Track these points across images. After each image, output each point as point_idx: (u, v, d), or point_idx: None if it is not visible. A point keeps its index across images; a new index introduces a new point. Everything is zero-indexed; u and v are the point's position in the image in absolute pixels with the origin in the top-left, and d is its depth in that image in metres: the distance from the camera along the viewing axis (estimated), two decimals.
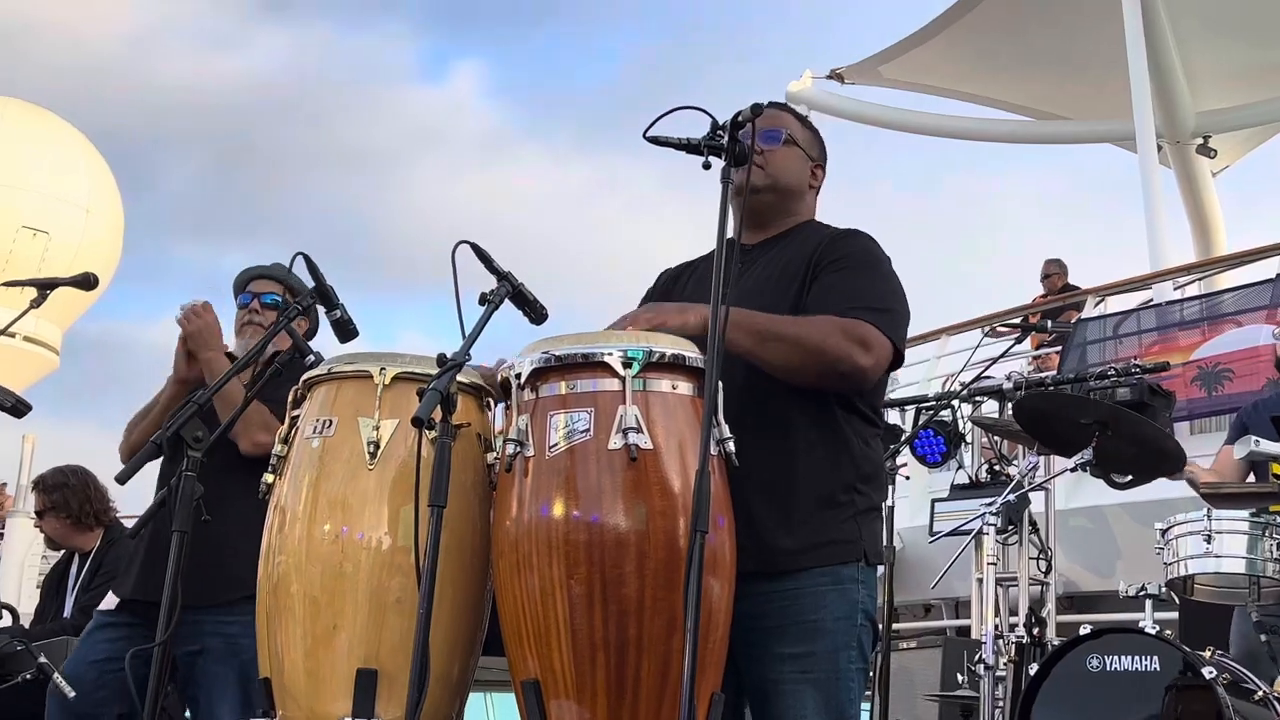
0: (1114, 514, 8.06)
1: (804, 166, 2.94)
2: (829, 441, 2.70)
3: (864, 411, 2.77)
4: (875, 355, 2.64)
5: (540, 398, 2.47)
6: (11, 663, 4.54)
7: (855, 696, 2.65)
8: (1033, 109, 15.75)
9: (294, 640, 2.58)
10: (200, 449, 2.74)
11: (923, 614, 9.52)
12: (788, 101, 15.32)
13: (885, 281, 2.78)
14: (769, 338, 2.58)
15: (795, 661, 2.60)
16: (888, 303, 2.72)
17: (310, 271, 2.88)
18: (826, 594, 2.63)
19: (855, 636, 2.65)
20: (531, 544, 2.40)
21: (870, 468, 2.76)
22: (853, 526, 2.69)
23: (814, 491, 2.66)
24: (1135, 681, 4.36)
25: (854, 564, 2.68)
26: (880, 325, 2.65)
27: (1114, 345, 8.93)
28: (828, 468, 2.68)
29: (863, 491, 2.73)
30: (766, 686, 2.63)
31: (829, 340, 2.60)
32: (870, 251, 2.81)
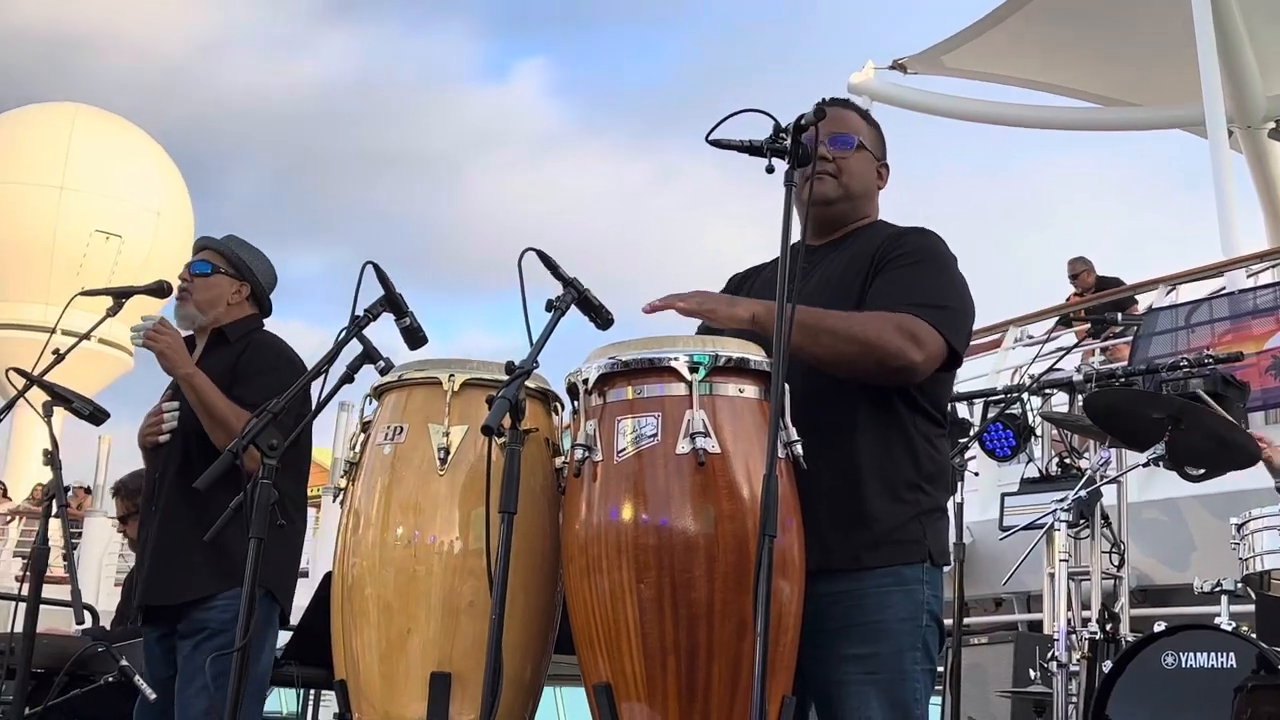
0: (1188, 506, 7.95)
1: (872, 169, 2.93)
2: (892, 441, 2.68)
3: (928, 410, 2.75)
4: (927, 351, 2.61)
5: (607, 403, 2.49)
6: (93, 664, 4.62)
7: (921, 697, 2.63)
8: (1099, 95, 15.54)
9: (369, 644, 2.62)
10: (275, 456, 2.78)
11: (994, 608, 9.45)
12: (850, 93, 15.27)
13: (945, 279, 2.74)
14: (820, 331, 2.56)
15: (860, 662, 2.59)
16: (945, 300, 2.69)
17: (380, 280, 2.91)
18: (891, 594, 2.62)
19: (920, 637, 2.64)
20: (601, 548, 2.42)
21: (934, 467, 2.74)
22: (917, 527, 2.67)
23: (877, 492, 2.64)
24: (1211, 679, 4.32)
25: (918, 564, 2.66)
26: (934, 322, 2.62)
27: (1186, 335, 8.81)
28: (891, 467, 2.67)
29: (927, 491, 2.71)
30: (831, 688, 2.62)
31: (881, 334, 2.58)
32: (932, 249, 2.79)
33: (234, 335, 3.82)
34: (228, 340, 3.80)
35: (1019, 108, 15.74)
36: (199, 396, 3.55)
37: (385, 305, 2.94)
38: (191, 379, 3.57)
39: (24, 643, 3.42)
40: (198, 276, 3.86)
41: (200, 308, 3.82)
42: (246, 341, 3.81)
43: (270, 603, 3.65)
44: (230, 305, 3.87)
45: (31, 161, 29.40)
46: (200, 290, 3.84)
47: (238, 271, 3.89)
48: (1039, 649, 5.95)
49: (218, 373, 3.66)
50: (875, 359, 2.59)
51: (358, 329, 2.89)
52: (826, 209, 2.85)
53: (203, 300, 3.83)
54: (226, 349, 3.78)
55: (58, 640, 4.80)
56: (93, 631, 5.38)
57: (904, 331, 2.59)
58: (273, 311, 4.00)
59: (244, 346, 3.78)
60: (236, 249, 3.91)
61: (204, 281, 3.85)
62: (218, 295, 3.85)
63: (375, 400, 2.81)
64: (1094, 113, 15.76)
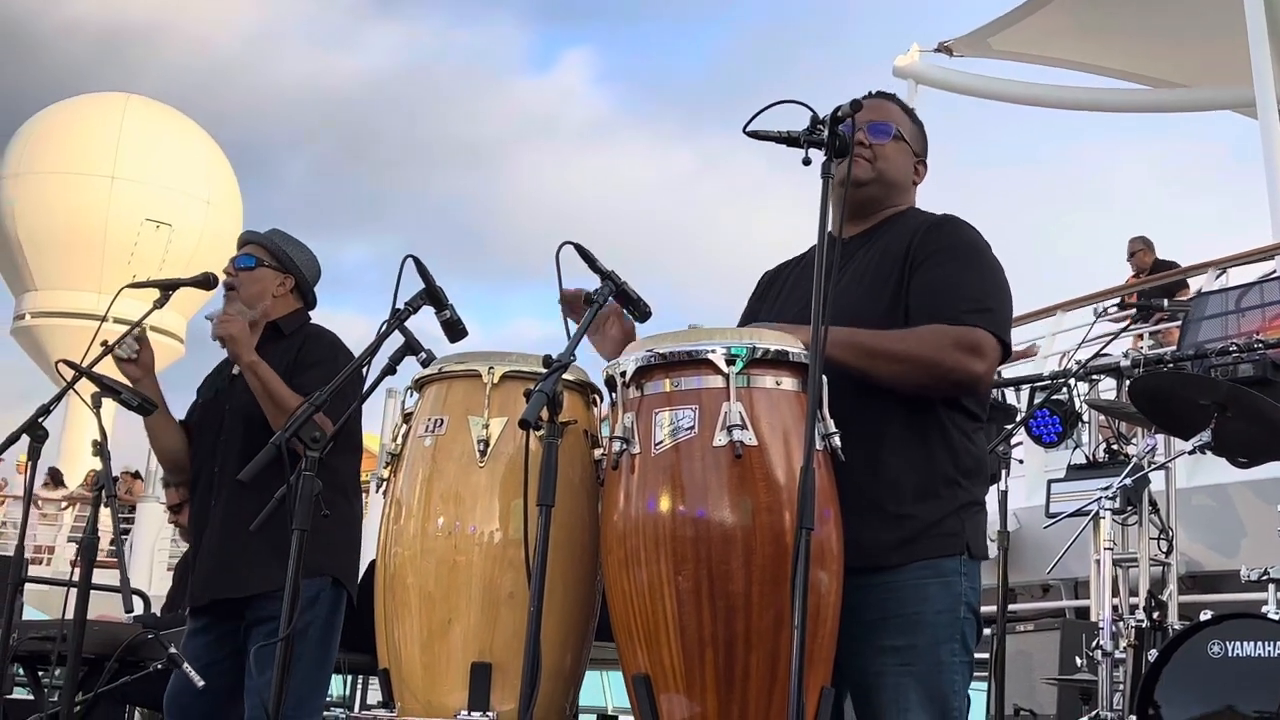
0: (1237, 492, 7.88)
1: (909, 162, 2.92)
2: (929, 436, 2.69)
3: (965, 406, 2.75)
4: (988, 360, 2.64)
5: (645, 395, 2.50)
6: (143, 651, 4.68)
7: (959, 689, 2.63)
8: (1148, 77, 15.37)
9: (410, 634, 2.65)
10: (318, 449, 2.81)
11: (1040, 595, 9.41)
12: (895, 77, 15.17)
13: (988, 274, 2.75)
14: (878, 356, 2.60)
15: (897, 654, 2.60)
16: (993, 299, 2.70)
17: (420, 273, 2.93)
18: (928, 586, 2.62)
19: (958, 629, 2.64)
20: (639, 540, 2.43)
21: (971, 461, 2.74)
22: (955, 521, 2.67)
23: (914, 486, 2.65)
24: (1258, 668, 4.29)
25: (956, 557, 2.66)
26: (989, 326, 2.64)
27: (1236, 319, 8.71)
28: (927, 462, 2.67)
29: (964, 486, 2.71)
30: (869, 679, 2.62)
31: (941, 354, 2.60)
32: (969, 241, 2.78)
33: (289, 329, 3.87)
34: (283, 334, 3.86)
35: (1066, 90, 15.61)
36: (263, 384, 3.59)
37: (425, 298, 2.96)
38: (255, 367, 3.61)
39: (75, 629, 3.47)
40: (243, 271, 3.90)
41: (247, 302, 3.86)
42: (303, 335, 3.87)
43: (337, 590, 3.70)
44: (276, 298, 3.91)
45: (83, 151, 29.71)
46: (246, 284, 3.88)
47: (281, 265, 3.93)
48: (1085, 636, 5.91)
49: (277, 365, 3.72)
50: (937, 376, 2.62)
51: (398, 322, 2.91)
52: (859, 190, 2.84)
53: (249, 295, 3.87)
54: (283, 342, 3.83)
55: (109, 627, 4.87)
56: (143, 618, 5.45)
57: (964, 345, 2.61)
58: (317, 304, 4.05)
59: (302, 340, 3.84)
60: (280, 242, 3.95)
61: (249, 275, 3.89)
62: (263, 289, 3.89)
63: (416, 392, 2.84)
64: (1142, 94, 15.59)
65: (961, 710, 2.64)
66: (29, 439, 3.75)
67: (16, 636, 4.64)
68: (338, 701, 7.12)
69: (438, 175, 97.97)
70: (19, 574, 3.95)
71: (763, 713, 2.36)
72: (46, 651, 4.90)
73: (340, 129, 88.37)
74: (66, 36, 66.48)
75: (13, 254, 30.02)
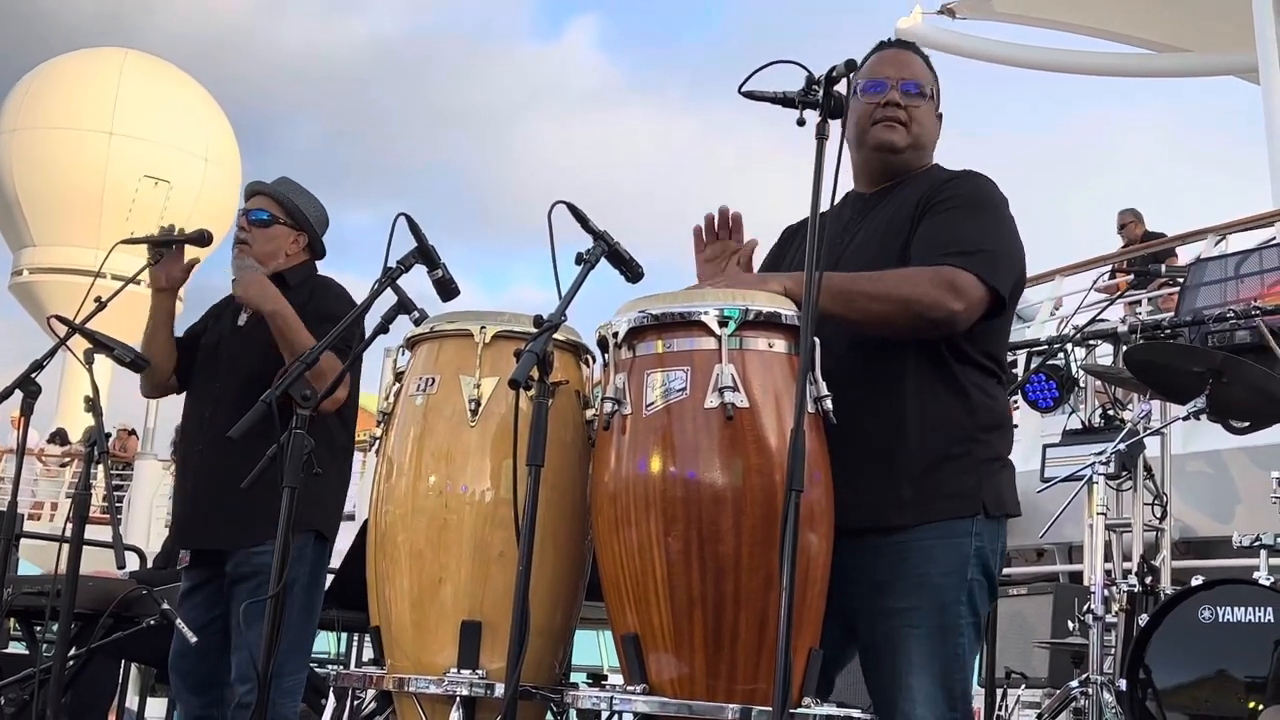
0: (1233, 458, 7.89)
1: (937, 119, 2.87)
2: (943, 393, 2.65)
3: (979, 360, 2.70)
4: (967, 299, 2.57)
5: (637, 356, 2.49)
6: (137, 607, 4.70)
7: (964, 651, 2.61)
8: (1152, 41, 15.29)
9: (400, 592, 2.65)
10: (309, 406, 2.80)
11: (1034, 559, 9.43)
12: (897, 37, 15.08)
13: (988, 222, 2.69)
14: (852, 297, 2.55)
15: (902, 616, 2.59)
16: (986, 244, 2.63)
17: (412, 232, 2.92)
18: (934, 548, 2.60)
19: (965, 590, 2.60)
20: (629, 499, 2.43)
21: (991, 417, 2.69)
22: (970, 479, 2.63)
23: (926, 445, 2.62)
24: (1249, 633, 4.31)
25: (970, 519, 2.62)
26: (972, 268, 2.57)
27: (1235, 285, 8.69)
28: (941, 420, 2.63)
29: (982, 441, 2.66)
30: (877, 639, 2.63)
31: (915, 290, 2.55)
32: (978, 192, 2.73)
33: (294, 280, 3.82)
34: (288, 285, 3.80)
35: (1069, 53, 15.52)
36: (286, 330, 3.56)
37: (418, 256, 2.94)
38: (277, 315, 3.58)
39: (67, 585, 3.48)
40: (256, 225, 3.83)
41: (260, 259, 3.79)
42: (310, 286, 3.83)
43: (322, 544, 3.71)
44: (289, 256, 3.88)
45: (81, 107, 29.56)
46: (260, 241, 3.82)
47: (296, 222, 3.88)
48: (1078, 600, 5.94)
49: None
50: (913, 313, 2.56)
51: (390, 280, 2.90)
52: (894, 157, 2.80)
53: (262, 252, 3.80)
54: (289, 293, 3.79)
55: (102, 583, 4.88)
56: (137, 574, 5.47)
57: (940, 282, 2.55)
58: (325, 254, 4.00)
59: (309, 291, 3.79)
60: (293, 196, 3.88)
61: (263, 233, 3.82)
62: (277, 247, 3.85)
63: (408, 351, 2.84)
64: (1146, 59, 15.51)
65: (966, 672, 2.63)
66: (22, 394, 3.74)
67: (11, 591, 4.66)
68: (332, 658, 7.15)
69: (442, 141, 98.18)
70: (12, 529, 3.95)
71: (751, 673, 2.37)
72: (41, 606, 4.91)
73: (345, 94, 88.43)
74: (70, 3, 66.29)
75: (11, 210, 29.93)
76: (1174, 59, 15.23)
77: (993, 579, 2.68)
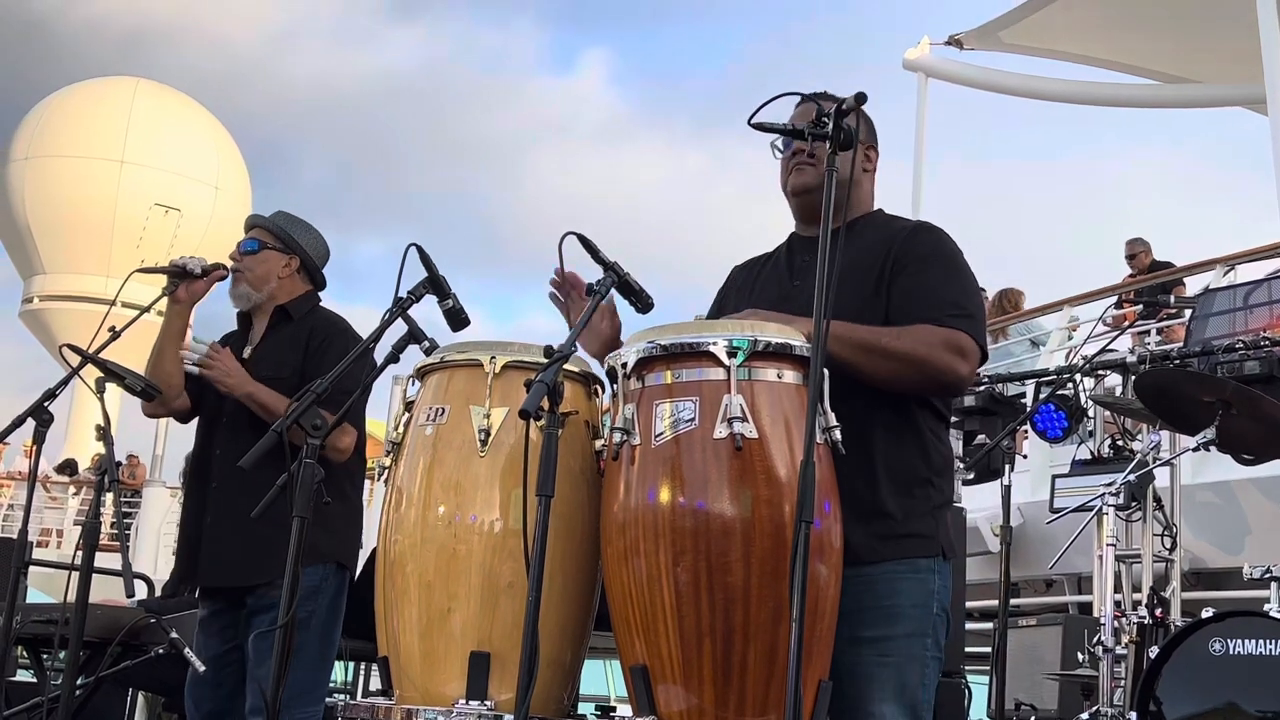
0: (1243, 489, 7.86)
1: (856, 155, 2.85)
2: (904, 436, 2.74)
3: (935, 406, 2.81)
4: (971, 363, 2.71)
5: (646, 387, 2.50)
6: (145, 635, 4.69)
7: (929, 683, 2.69)
8: (1160, 72, 15.29)
9: (409, 622, 2.65)
10: (319, 437, 2.81)
11: (1044, 589, 9.40)
12: (906, 69, 15.11)
13: (967, 282, 2.82)
14: (873, 351, 2.63)
15: (872, 645, 2.63)
16: (971, 306, 2.76)
17: (423, 262, 2.94)
18: (901, 580, 2.67)
19: (930, 624, 2.69)
20: (638, 531, 2.43)
21: (941, 461, 2.81)
22: (930, 521, 2.73)
23: (892, 487, 2.70)
24: (1260, 666, 4.29)
25: (930, 558, 2.72)
26: (971, 331, 2.70)
27: (1244, 316, 8.68)
28: (903, 463, 2.73)
29: (936, 485, 2.78)
30: (842, 669, 2.61)
31: (932, 354, 2.66)
32: (951, 250, 2.84)
33: (297, 313, 3.87)
34: (291, 318, 3.86)
35: (1076, 84, 15.52)
36: (265, 410, 3.63)
37: (428, 287, 2.96)
38: (254, 396, 3.67)
39: (76, 613, 3.48)
40: (247, 255, 3.90)
41: (253, 285, 3.87)
42: (312, 320, 3.87)
43: (341, 574, 3.71)
44: (282, 279, 3.91)
45: (92, 135, 29.69)
46: (252, 267, 3.88)
47: (286, 246, 3.93)
48: (1087, 632, 5.91)
49: (287, 349, 3.74)
50: (926, 375, 2.67)
51: (401, 310, 2.92)
52: (808, 197, 2.88)
53: (254, 277, 3.88)
54: (291, 326, 3.84)
55: (111, 611, 4.88)
56: (146, 603, 5.47)
57: (951, 347, 2.67)
58: (326, 285, 4.05)
59: (310, 325, 3.84)
60: (284, 224, 3.95)
61: (253, 259, 3.89)
62: (268, 271, 3.90)
63: (418, 381, 2.84)
64: (1154, 89, 15.51)
65: (929, 704, 2.69)
66: (34, 423, 3.75)
67: (19, 619, 4.65)
68: (340, 688, 7.14)
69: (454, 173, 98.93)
70: (22, 557, 3.96)
71: (760, 705, 2.36)
72: (49, 635, 4.91)
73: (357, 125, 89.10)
74: (88, 35, 66.90)
75: (22, 238, 30.03)
76: (1182, 90, 15.23)
77: (949, 617, 2.78)
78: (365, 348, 3.11)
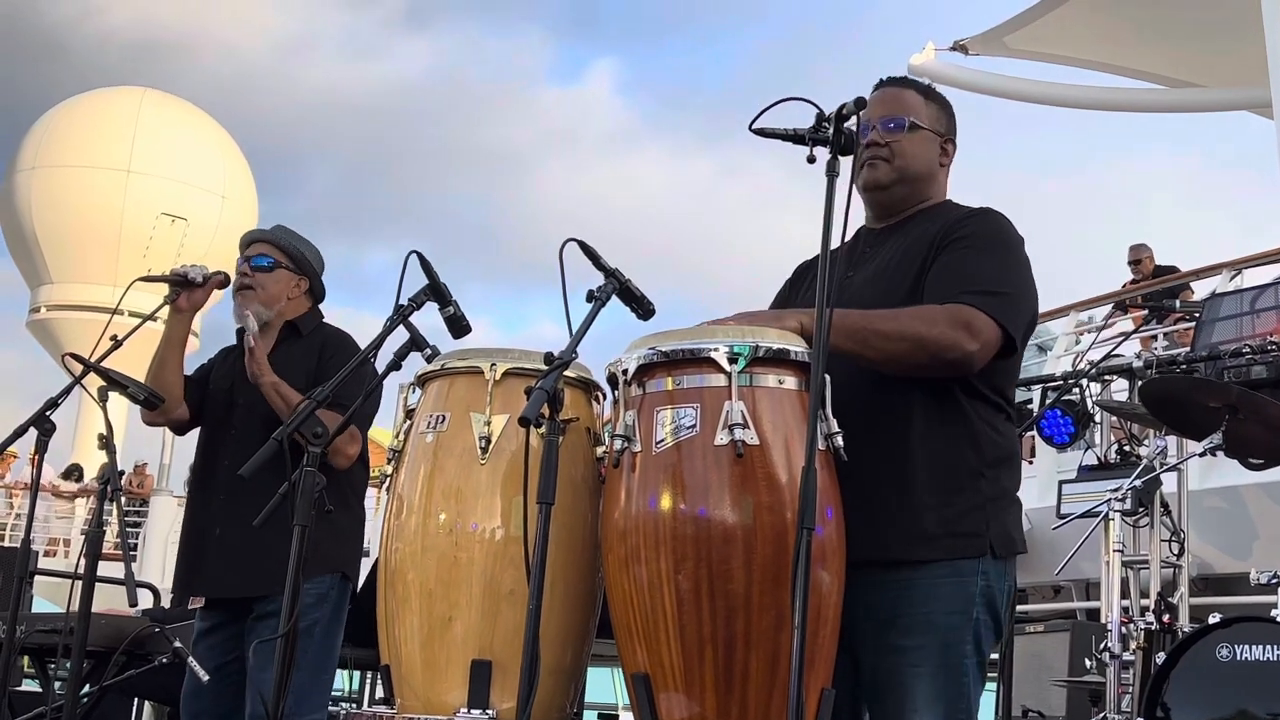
0: (1250, 494, 7.84)
1: (932, 148, 2.86)
2: (949, 428, 2.64)
3: (987, 395, 2.69)
4: (982, 339, 2.57)
5: (647, 393, 2.49)
6: (150, 645, 4.69)
7: (969, 691, 2.59)
8: (1166, 77, 15.27)
9: (410, 630, 2.64)
10: (320, 445, 2.80)
11: (1051, 595, 9.38)
12: (910, 75, 15.14)
13: (1006, 262, 2.69)
14: (867, 335, 2.54)
15: (907, 654, 2.57)
16: (1002, 285, 2.63)
17: (424, 269, 2.93)
18: (941, 586, 2.59)
19: (971, 630, 2.59)
20: (639, 538, 2.42)
21: (998, 452, 2.68)
22: (978, 516, 2.62)
23: (933, 480, 2.61)
24: (1268, 672, 4.27)
25: (976, 558, 2.61)
26: (988, 309, 2.58)
27: (1250, 320, 8.66)
28: (948, 456, 2.62)
29: (989, 476, 2.64)
30: (879, 676, 2.61)
31: (932, 330, 2.55)
32: (996, 231, 2.73)
33: (306, 328, 3.90)
34: (301, 333, 3.88)
35: (1083, 89, 15.52)
36: (285, 403, 3.62)
37: (429, 294, 2.95)
38: (277, 387, 3.67)
39: (79, 623, 3.47)
40: (259, 271, 3.90)
41: (265, 303, 3.88)
42: (322, 334, 3.89)
43: (345, 584, 3.71)
44: (291, 299, 3.93)
45: (98, 145, 29.73)
46: (265, 285, 3.90)
47: (298, 266, 3.95)
48: (1095, 638, 5.89)
49: (298, 364, 3.74)
50: (929, 353, 2.56)
51: (402, 318, 2.91)
52: (882, 194, 2.83)
53: (267, 296, 3.89)
54: (302, 341, 3.86)
55: (115, 620, 4.88)
56: (150, 612, 5.47)
57: (956, 321, 2.56)
58: (325, 296, 4.06)
59: (322, 339, 3.87)
60: (295, 242, 3.95)
61: (267, 276, 3.90)
62: (280, 290, 3.93)
63: (419, 388, 2.84)
64: (1160, 94, 15.49)
65: (971, 712, 2.61)
66: (36, 432, 3.75)
67: (24, 629, 4.65)
68: (345, 696, 7.13)
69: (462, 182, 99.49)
70: (25, 566, 3.95)
71: (762, 713, 2.35)
72: (53, 644, 4.91)
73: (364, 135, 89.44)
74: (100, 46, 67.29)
75: (29, 248, 30.07)
76: (1187, 94, 15.20)
77: (999, 618, 2.66)
78: (366, 355, 3.10)
